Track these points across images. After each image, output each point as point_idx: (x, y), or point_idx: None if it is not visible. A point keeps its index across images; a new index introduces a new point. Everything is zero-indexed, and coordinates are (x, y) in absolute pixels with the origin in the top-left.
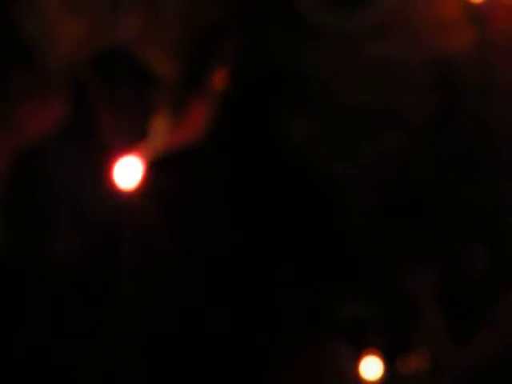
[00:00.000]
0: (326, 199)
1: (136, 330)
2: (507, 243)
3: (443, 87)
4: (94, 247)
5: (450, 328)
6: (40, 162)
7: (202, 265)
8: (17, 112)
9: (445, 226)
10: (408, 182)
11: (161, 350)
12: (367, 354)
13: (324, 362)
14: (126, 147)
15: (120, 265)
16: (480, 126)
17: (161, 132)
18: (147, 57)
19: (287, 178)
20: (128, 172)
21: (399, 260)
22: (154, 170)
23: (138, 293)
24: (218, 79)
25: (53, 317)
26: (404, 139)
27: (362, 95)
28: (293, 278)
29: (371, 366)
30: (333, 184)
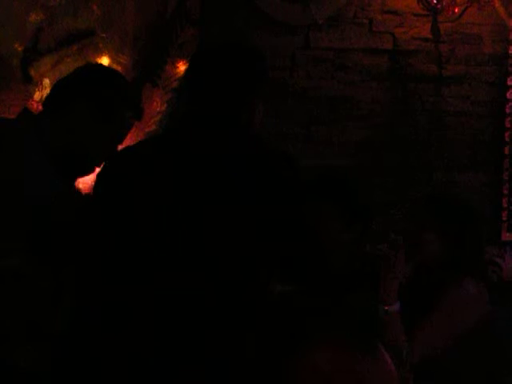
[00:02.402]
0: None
1: None
2: (460, 231)
3: (397, 76)
4: None
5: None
6: None
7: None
8: None
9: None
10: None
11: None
12: None
13: None
14: None
15: None
16: (433, 115)
17: None
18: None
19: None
20: None
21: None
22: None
23: None
24: (176, 69)
25: None
26: (360, 128)
27: (317, 86)
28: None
29: None
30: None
